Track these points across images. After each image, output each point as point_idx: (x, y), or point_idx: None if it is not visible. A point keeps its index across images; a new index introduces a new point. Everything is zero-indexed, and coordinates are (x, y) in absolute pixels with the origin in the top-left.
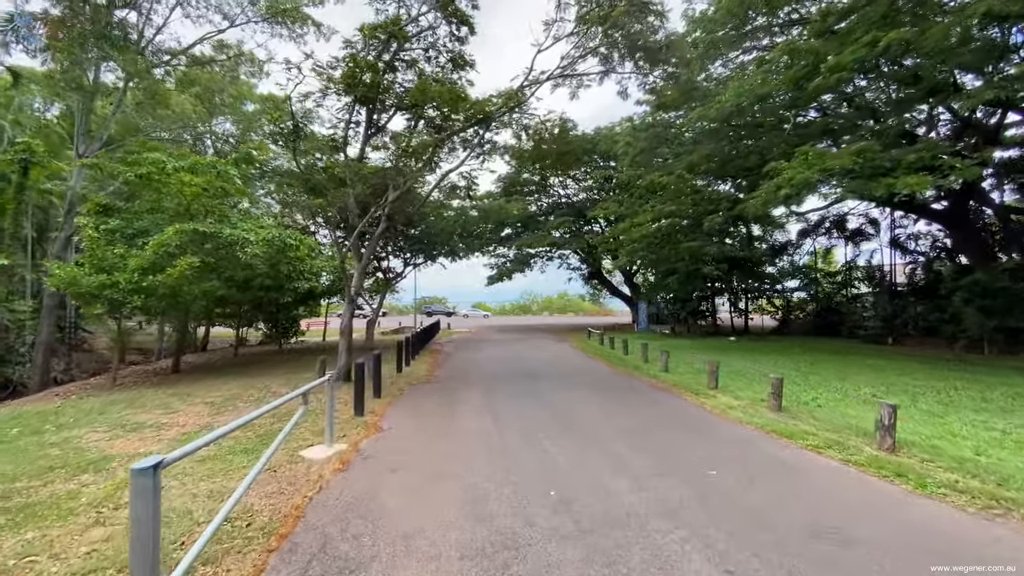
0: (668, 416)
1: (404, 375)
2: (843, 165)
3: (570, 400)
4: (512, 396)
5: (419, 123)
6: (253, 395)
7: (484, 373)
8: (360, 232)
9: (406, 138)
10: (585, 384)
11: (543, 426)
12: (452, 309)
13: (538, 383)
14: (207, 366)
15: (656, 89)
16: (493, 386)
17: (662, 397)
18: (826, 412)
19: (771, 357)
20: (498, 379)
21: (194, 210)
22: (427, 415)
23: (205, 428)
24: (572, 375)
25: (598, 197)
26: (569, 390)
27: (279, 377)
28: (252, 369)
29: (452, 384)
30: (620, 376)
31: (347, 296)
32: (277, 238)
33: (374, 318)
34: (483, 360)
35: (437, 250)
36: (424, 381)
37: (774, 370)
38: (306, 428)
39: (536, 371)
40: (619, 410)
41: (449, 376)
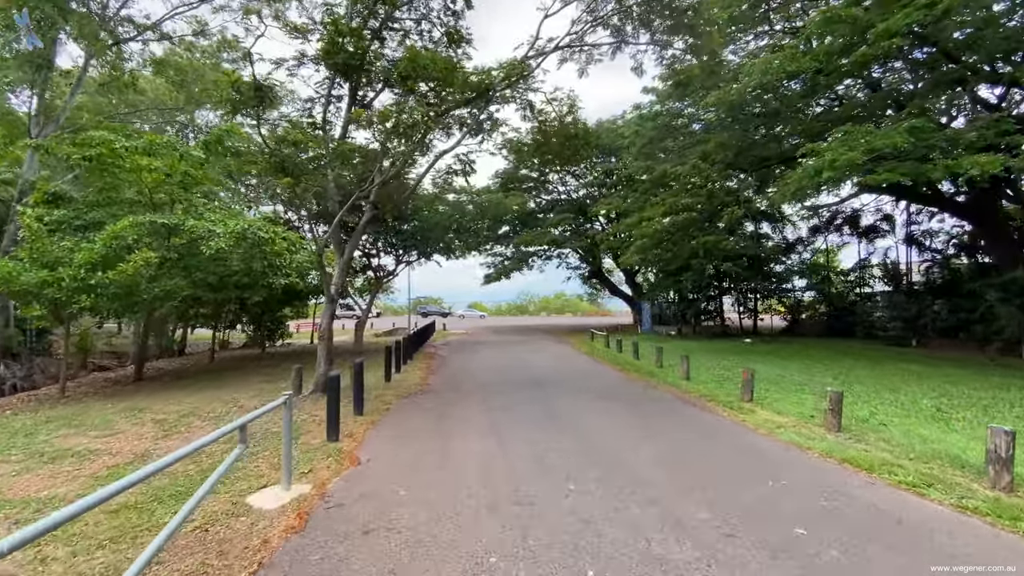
0: (708, 438)
1: (393, 385)
2: (894, 144)
3: (586, 416)
4: (517, 412)
5: (409, 99)
6: (216, 410)
7: (483, 381)
8: (341, 222)
9: (395, 114)
10: (599, 395)
11: (559, 455)
12: (448, 309)
13: (545, 394)
14: (176, 373)
15: (674, 64)
16: (494, 398)
17: (692, 412)
18: (896, 433)
19: (796, 362)
20: (499, 389)
21: (158, 200)
22: (417, 438)
23: (140, 458)
24: (582, 383)
25: (599, 194)
26: (583, 403)
27: (252, 387)
28: (225, 377)
29: (447, 396)
30: (636, 384)
31: (327, 295)
32: (249, 231)
33: (363, 319)
34: (481, 365)
35: (431, 247)
36: (416, 392)
37: (808, 377)
38: (266, 459)
39: (541, 378)
40: (647, 430)
41: (444, 385)
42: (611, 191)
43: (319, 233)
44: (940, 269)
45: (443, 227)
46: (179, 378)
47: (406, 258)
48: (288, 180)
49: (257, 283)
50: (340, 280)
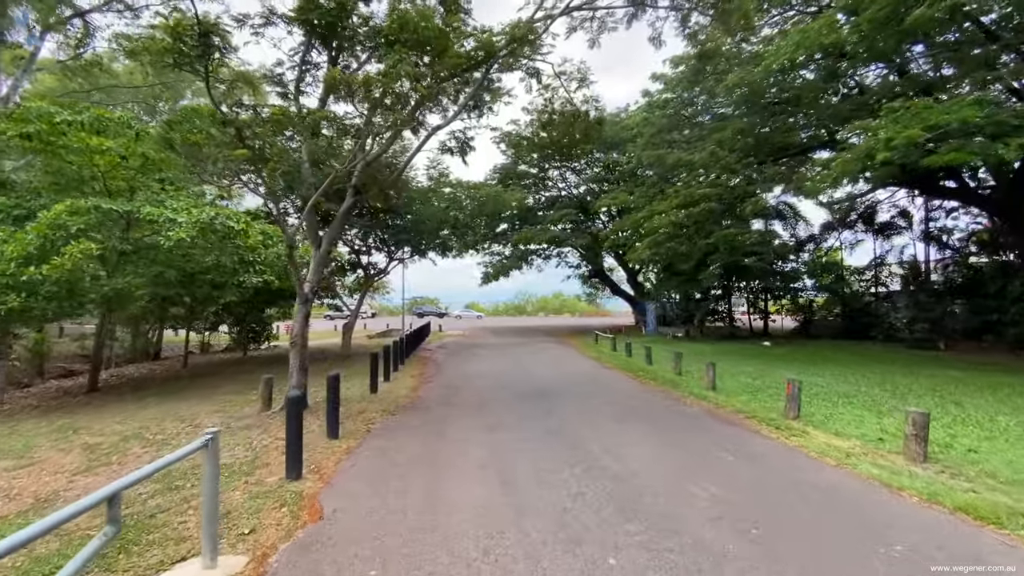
0: (767, 471)
1: (380, 397)
2: (963, 120)
3: (608, 442)
4: (524, 435)
5: (399, 66)
6: (166, 430)
7: (482, 393)
8: (317, 208)
9: (381, 82)
10: (619, 411)
11: (586, 506)
12: (444, 310)
13: (555, 409)
14: (139, 381)
15: (698, 35)
16: (496, 415)
17: (734, 434)
18: (998, 464)
19: (827, 368)
20: (501, 402)
21: (114, 187)
22: (401, 475)
23: (42, 504)
24: (595, 395)
25: (600, 190)
26: (601, 422)
27: (218, 400)
28: (193, 386)
29: (441, 413)
30: (656, 396)
31: (299, 295)
32: (216, 220)
33: (352, 321)
34: (480, 372)
35: (426, 242)
36: (405, 406)
37: (852, 387)
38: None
39: (548, 389)
40: (688, 462)
41: (438, 398)
42: (614, 186)
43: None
44: (959, 268)
45: (438, 220)
46: (140, 388)
47: (399, 255)
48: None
49: (228, 281)
50: (316, 277)
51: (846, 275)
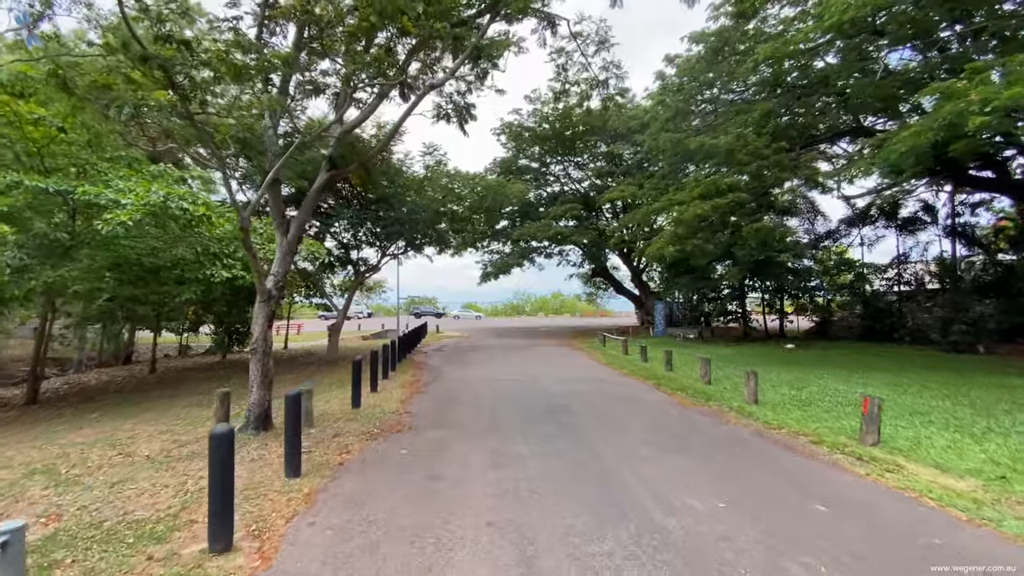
0: (885, 537)
1: (363, 413)
2: None
3: (655, 482)
4: (543, 470)
5: None
6: (88, 460)
7: (485, 408)
8: (276, 180)
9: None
10: (656, 434)
11: None
12: (442, 310)
13: (577, 432)
14: (92, 391)
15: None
16: (504, 441)
17: (808, 468)
18: None
19: (874, 376)
20: (509, 422)
21: (54, 165)
22: (375, 543)
23: None
24: (622, 412)
25: (604, 184)
26: (638, 450)
27: (172, 416)
28: (151, 397)
29: (435, 438)
30: (693, 412)
31: (259, 290)
32: (171, 201)
33: (340, 322)
34: (481, 380)
35: (420, 234)
36: (390, 429)
37: (916, 400)
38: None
39: (563, 403)
40: (768, 517)
41: (432, 416)
42: (620, 179)
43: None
44: (988, 265)
45: (433, 211)
46: (89, 399)
47: (391, 250)
48: (162, 93)
49: (189, 276)
50: (282, 269)
51: (866, 273)
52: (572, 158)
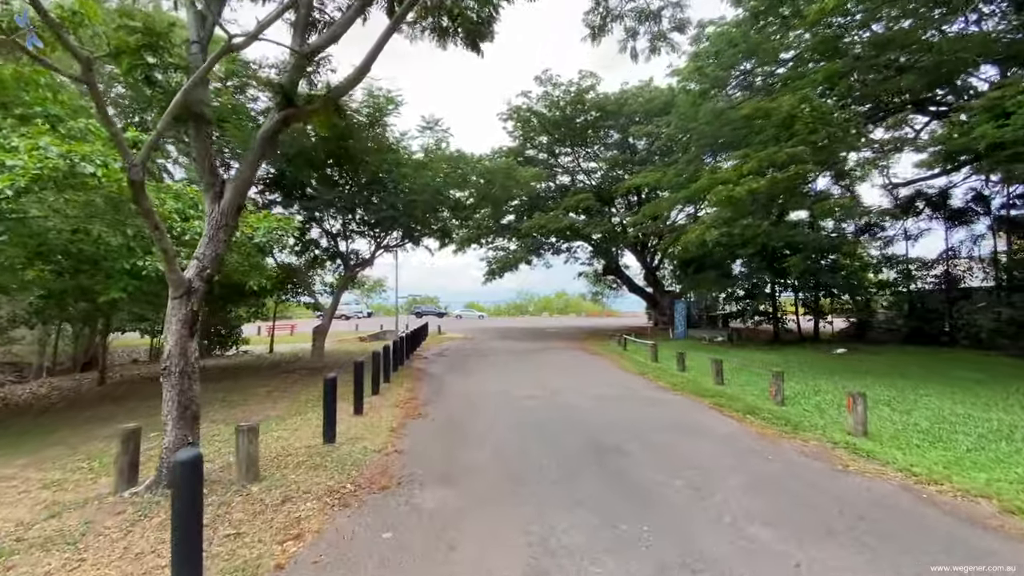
0: None
1: (336, 455)
2: None
3: None
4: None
5: None
6: None
7: (505, 449)
8: (201, 116)
9: None
10: (762, 504)
11: None
12: (443, 310)
13: (648, 500)
14: (12, 409)
15: None
16: (544, 517)
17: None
18: None
19: (980, 392)
20: (544, 477)
21: None
22: None
23: None
24: (697, 455)
25: (617, 176)
26: (751, 536)
27: (72, 462)
28: (73, 422)
29: (437, 507)
30: (791, 453)
31: (170, 281)
32: (79, 166)
33: (326, 323)
34: (493, 399)
35: (418, 224)
36: (371, 486)
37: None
38: None
39: (616, 445)
40: None
41: (432, 460)
42: (637, 168)
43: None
44: None
45: (432, 193)
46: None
47: (387, 241)
48: None
49: (118, 266)
50: (212, 251)
51: (912, 270)
52: (583, 148)
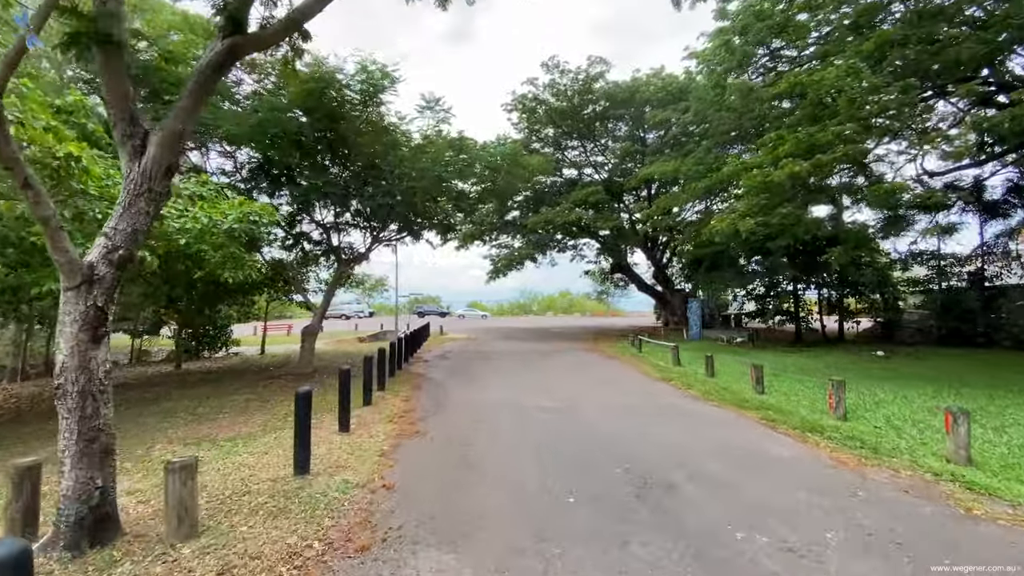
0: None
1: (305, 495)
2: None
3: None
4: None
5: None
6: None
7: (524, 487)
8: (112, 42)
9: None
10: (884, 572)
11: None
12: (446, 309)
13: (722, 572)
14: None
15: None
16: None
17: None
18: None
19: None
20: (579, 533)
21: None
22: None
23: None
24: (773, 499)
25: (626, 169)
26: None
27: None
28: (14, 432)
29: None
30: (888, 490)
31: (63, 272)
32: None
33: (314, 325)
34: (504, 413)
35: (416, 213)
36: (346, 549)
37: None
38: None
39: (666, 482)
40: None
41: (429, 504)
42: (648, 160)
43: None
44: None
45: (434, 179)
46: None
47: (384, 234)
48: None
49: None
50: (128, 225)
51: (945, 266)
52: (591, 141)
